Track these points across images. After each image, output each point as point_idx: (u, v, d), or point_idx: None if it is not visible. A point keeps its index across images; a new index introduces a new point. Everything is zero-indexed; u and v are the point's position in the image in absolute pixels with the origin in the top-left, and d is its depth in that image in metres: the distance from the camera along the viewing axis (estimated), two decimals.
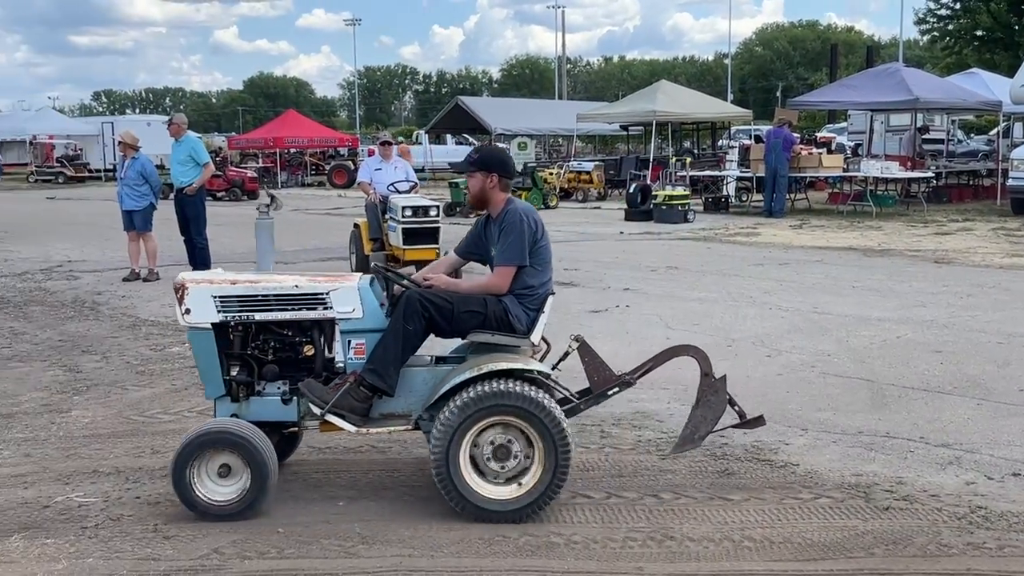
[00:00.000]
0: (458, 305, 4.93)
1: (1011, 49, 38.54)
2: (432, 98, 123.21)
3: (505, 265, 5.03)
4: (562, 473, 4.68)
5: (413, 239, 11.61)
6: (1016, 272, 12.52)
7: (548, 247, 5.20)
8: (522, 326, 4.99)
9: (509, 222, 5.08)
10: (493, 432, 4.71)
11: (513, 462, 4.71)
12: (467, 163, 5.32)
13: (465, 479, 4.67)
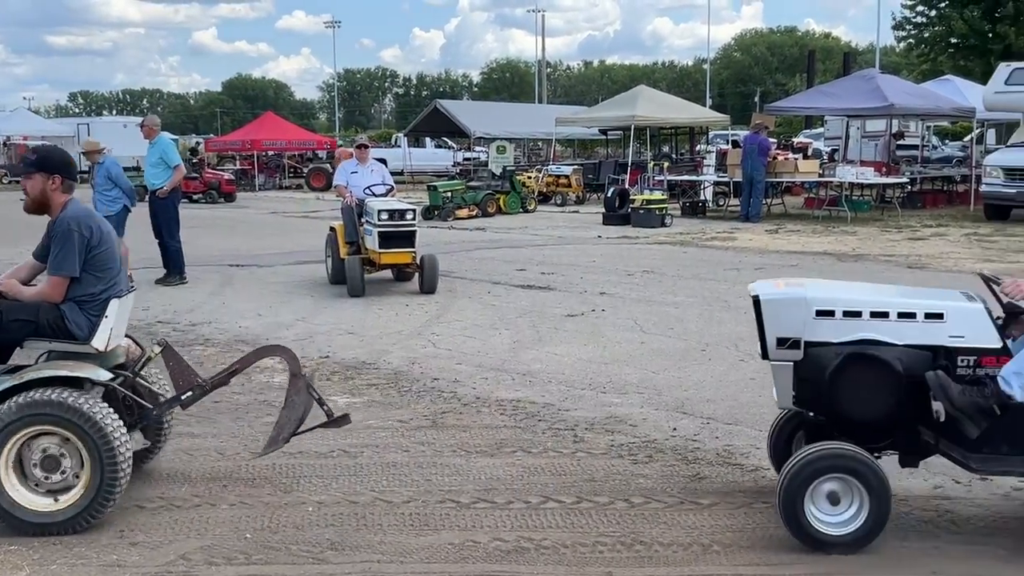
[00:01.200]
0: (7, 313, 4.84)
1: (985, 56, 38.84)
2: (412, 101, 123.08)
3: (55, 275, 4.89)
4: (108, 489, 4.56)
5: (389, 243, 11.57)
6: None
7: (109, 251, 4.99)
8: (83, 332, 4.87)
9: (59, 231, 4.90)
10: (47, 441, 4.61)
11: (59, 476, 4.61)
12: (25, 164, 5.09)
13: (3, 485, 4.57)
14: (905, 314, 4.49)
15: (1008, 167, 19.84)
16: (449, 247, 16.31)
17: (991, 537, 4.57)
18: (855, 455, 4.32)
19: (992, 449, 4.37)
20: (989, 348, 4.43)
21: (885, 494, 4.29)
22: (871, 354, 4.40)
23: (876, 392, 4.38)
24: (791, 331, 4.53)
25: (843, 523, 4.33)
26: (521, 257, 15.06)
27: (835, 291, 4.71)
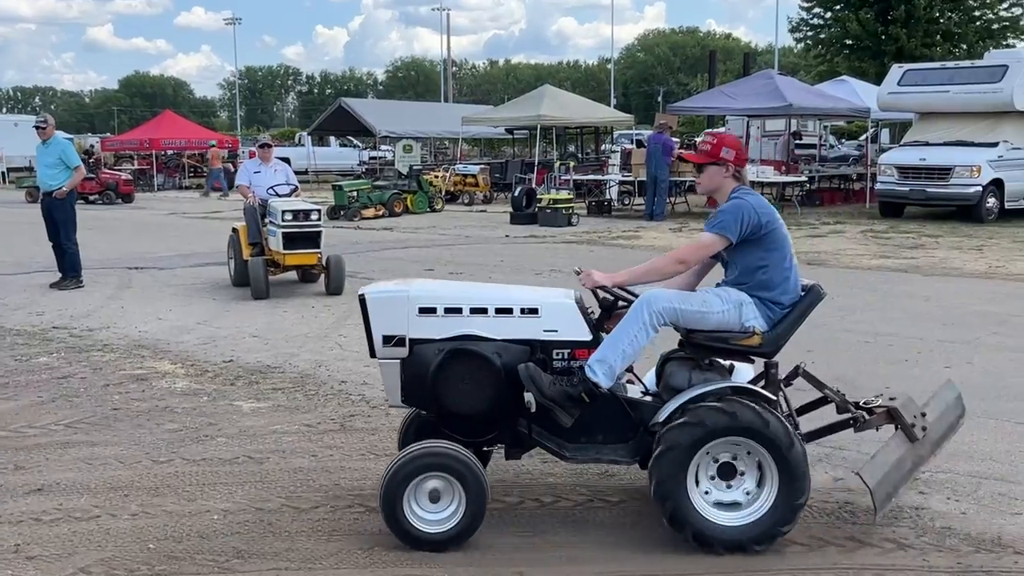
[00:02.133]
0: None
1: (878, 58, 40.10)
2: (316, 99, 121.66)
3: None
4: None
5: (294, 243, 11.41)
6: (883, 273, 13.01)
7: None
8: None
9: None
10: None
11: None
12: None
13: None
14: (503, 310, 4.61)
15: (901, 165, 20.52)
16: (356, 247, 16.17)
17: (888, 527, 4.70)
18: (451, 453, 4.40)
19: (589, 437, 4.57)
20: (581, 341, 4.60)
21: (480, 491, 4.38)
22: (470, 349, 4.51)
23: (476, 386, 4.49)
24: (396, 329, 4.62)
25: (442, 521, 4.41)
26: (429, 257, 15.00)
27: (438, 289, 4.81)
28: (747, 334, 4.56)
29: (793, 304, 4.68)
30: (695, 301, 4.57)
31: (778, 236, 4.65)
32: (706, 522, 4.36)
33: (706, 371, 4.62)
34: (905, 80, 21.63)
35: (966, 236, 17.35)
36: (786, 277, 4.67)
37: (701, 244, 4.65)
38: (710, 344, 4.59)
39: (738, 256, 4.67)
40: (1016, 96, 19.55)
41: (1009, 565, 4.27)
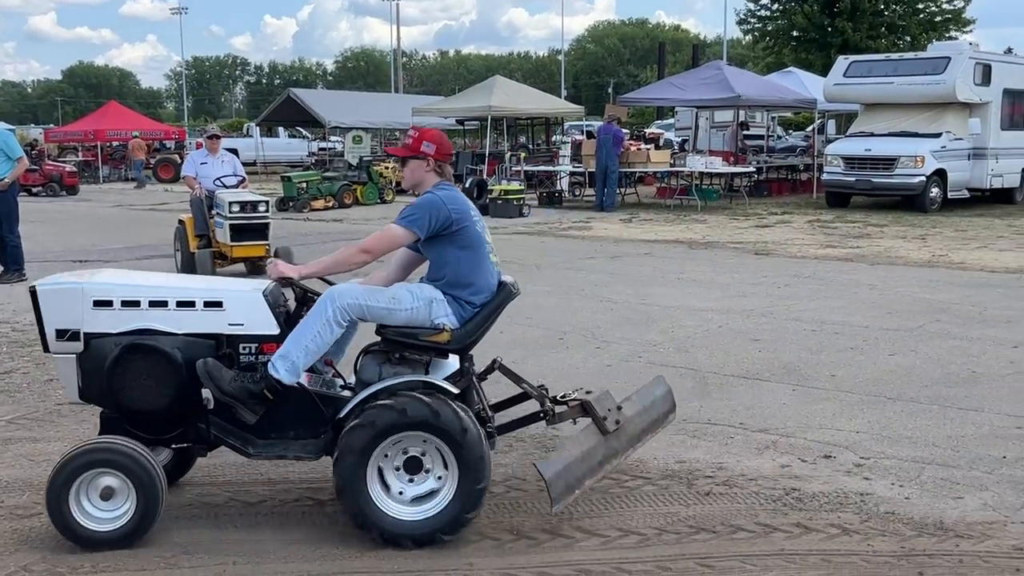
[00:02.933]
0: None
1: (825, 49, 40.58)
2: (264, 90, 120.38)
3: None
4: None
5: (241, 235, 11.30)
6: (829, 262, 13.19)
7: None
8: None
9: None
10: None
11: None
12: None
13: None
14: (184, 303, 4.52)
15: (847, 156, 20.80)
16: (305, 239, 16.04)
17: (833, 512, 4.77)
18: (122, 449, 4.29)
19: (280, 433, 4.53)
20: (268, 335, 4.55)
21: (153, 489, 4.29)
22: (146, 344, 4.40)
23: (154, 383, 4.38)
24: (69, 322, 4.45)
25: (112, 519, 4.33)
26: None
27: (115, 281, 4.65)
28: (436, 330, 4.53)
29: (485, 303, 4.64)
30: (383, 297, 4.54)
31: (470, 234, 4.61)
32: (392, 519, 4.34)
33: (397, 365, 4.57)
34: (850, 72, 21.92)
35: (910, 225, 17.63)
36: (478, 275, 4.64)
37: (387, 235, 4.58)
38: (399, 339, 4.55)
39: (433, 252, 4.65)
40: (958, 87, 19.90)
41: (951, 548, 4.34)
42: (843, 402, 6.61)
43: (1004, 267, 12.64)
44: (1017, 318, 9.33)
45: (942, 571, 4.13)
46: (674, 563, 4.23)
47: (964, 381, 7.12)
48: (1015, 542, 4.40)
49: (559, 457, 4.59)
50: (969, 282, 11.53)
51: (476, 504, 4.38)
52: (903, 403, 6.57)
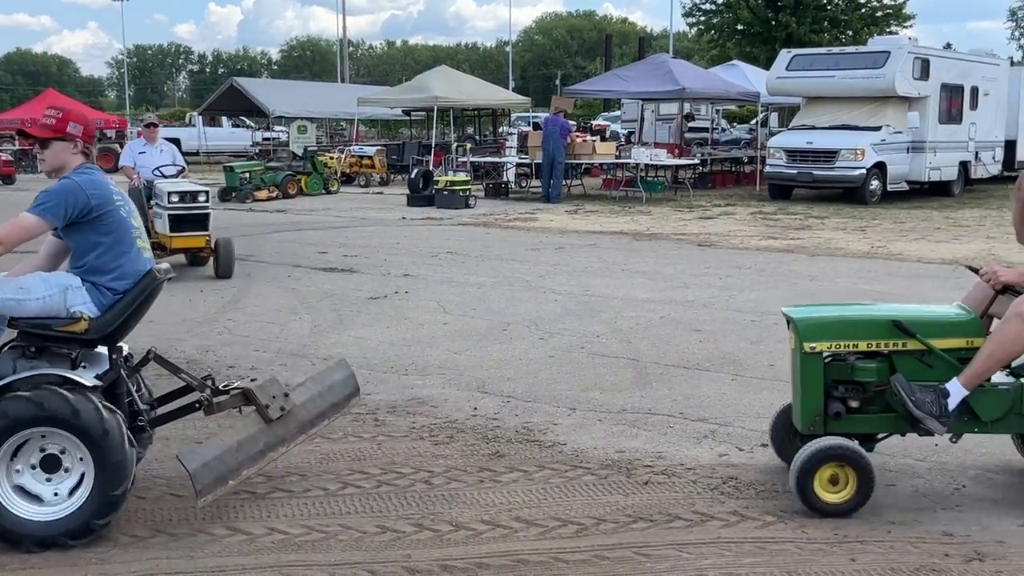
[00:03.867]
0: None
1: (769, 43, 40.98)
2: (208, 79, 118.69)
3: None
4: None
5: (181, 226, 11.14)
6: (771, 254, 13.33)
7: None
8: None
9: None
10: None
11: None
12: None
13: None
14: None
15: (789, 149, 21.05)
16: (248, 230, 15.87)
17: (769, 500, 4.82)
18: None
19: None
20: None
21: None
22: None
23: None
24: None
25: None
26: (323, 239, 14.82)
27: None
28: (73, 320, 4.38)
29: (128, 289, 4.52)
30: (10, 288, 4.37)
31: (113, 219, 4.48)
32: (14, 518, 4.19)
33: (34, 359, 4.39)
34: (793, 65, 22.17)
35: (850, 217, 17.90)
36: (122, 262, 4.50)
37: (17, 225, 4.34)
38: (34, 331, 4.39)
39: (74, 238, 4.50)
40: (897, 81, 20.21)
41: (883, 535, 4.41)
42: (781, 392, 6.65)
43: (940, 258, 12.87)
44: None
45: (874, 556, 4.19)
46: (611, 552, 4.25)
47: None
48: (945, 527, 4.49)
49: (208, 447, 4.49)
50: (907, 273, 11.73)
51: (110, 511, 4.22)
52: None
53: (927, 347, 4.64)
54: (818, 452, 4.53)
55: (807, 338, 4.70)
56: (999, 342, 4.53)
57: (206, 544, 4.33)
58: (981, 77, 22.80)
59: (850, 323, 4.78)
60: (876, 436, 4.93)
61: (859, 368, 4.69)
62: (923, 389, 4.58)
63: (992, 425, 4.69)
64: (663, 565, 4.13)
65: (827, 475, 4.55)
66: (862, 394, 4.72)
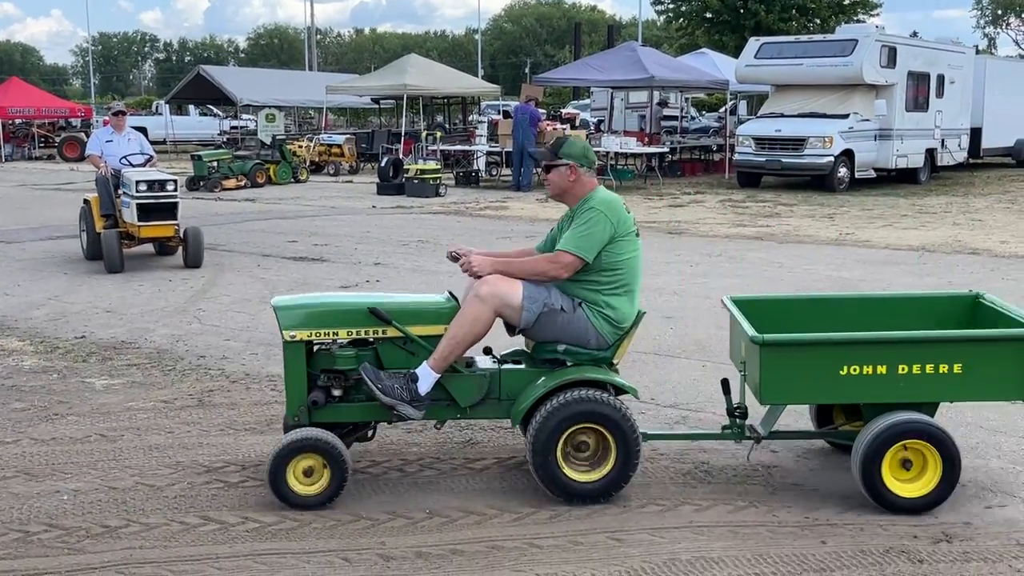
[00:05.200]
0: None
1: (738, 31, 41.15)
2: (175, 67, 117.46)
3: None
4: None
5: (149, 215, 11.04)
6: (740, 241, 13.41)
7: None
8: None
9: None
10: None
11: None
12: None
13: None
14: None
15: (758, 137, 21.15)
16: (216, 219, 15.76)
17: (741, 485, 4.87)
18: None
19: None
20: None
21: None
22: None
23: None
24: None
25: None
26: (293, 228, 14.74)
27: None
28: None
29: None
30: None
31: None
32: None
33: None
34: (762, 53, 22.26)
35: (819, 205, 18.03)
36: None
37: None
38: None
39: None
40: (865, 69, 20.35)
41: (852, 517, 4.47)
42: None
43: (908, 245, 13.00)
44: None
45: (844, 539, 4.25)
46: (585, 537, 4.28)
47: None
48: None
49: None
50: (875, 259, 11.84)
51: None
52: None
53: (405, 335, 4.67)
54: (290, 444, 4.50)
55: (287, 327, 4.66)
56: (459, 323, 4.60)
57: (179, 534, 4.32)
58: (947, 65, 23.01)
59: (328, 311, 4.74)
60: (370, 424, 4.96)
61: (339, 356, 4.69)
62: (392, 375, 4.61)
63: (472, 411, 4.76)
64: (637, 550, 4.16)
65: (302, 467, 4.53)
66: (345, 383, 4.71)
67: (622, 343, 4.83)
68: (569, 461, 4.62)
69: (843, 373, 4.52)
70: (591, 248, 4.69)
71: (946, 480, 4.50)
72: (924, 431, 4.49)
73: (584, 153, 4.94)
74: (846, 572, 3.96)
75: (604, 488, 4.59)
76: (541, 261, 4.77)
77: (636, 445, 4.59)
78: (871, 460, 4.47)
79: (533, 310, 4.66)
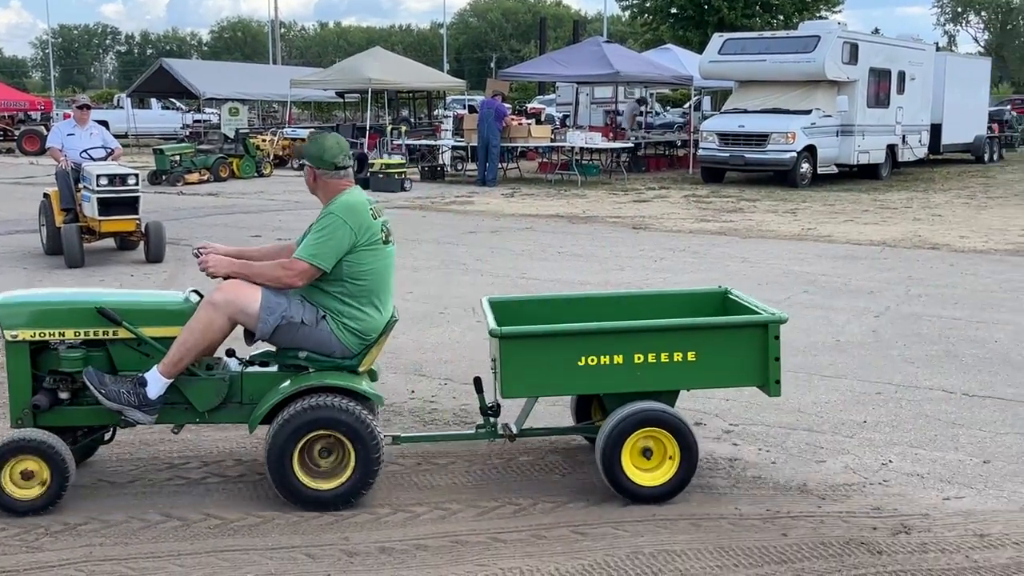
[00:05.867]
0: None
1: (702, 27, 41.28)
2: (136, 60, 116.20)
3: None
4: None
5: (110, 210, 10.92)
6: (703, 236, 13.49)
7: None
8: None
9: None
10: None
11: None
12: None
13: None
14: None
15: (722, 132, 21.26)
16: (179, 214, 15.62)
17: (702, 479, 4.89)
18: None
19: None
20: None
21: None
22: None
23: None
24: None
25: None
26: (256, 223, 14.64)
27: None
28: None
29: None
30: None
31: None
32: None
33: None
34: (725, 49, 22.37)
35: (781, 200, 18.17)
36: None
37: None
38: None
39: None
40: (827, 65, 20.51)
41: (813, 510, 4.52)
42: None
43: (869, 240, 13.14)
44: (879, 289, 9.73)
45: (804, 532, 4.29)
46: (548, 531, 4.29)
47: (829, 349, 7.40)
48: (873, 501, 4.61)
49: None
50: (836, 254, 11.95)
51: None
52: None
53: (137, 336, 4.51)
54: (3, 446, 4.34)
55: (8, 326, 4.45)
56: (191, 329, 4.44)
57: (140, 531, 4.28)
58: (908, 62, 23.26)
59: (53, 310, 4.54)
60: (107, 428, 4.78)
61: (64, 358, 4.49)
62: (120, 380, 4.47)
63: (211, 415, 4.61)
64: (600, 543, 4.18)
65: (19, 469, 4.35)
66: (73, 385, 4.51)
67: (370, 351, 4.68)
68: (307, 468, 4.47)
69: (581, 364, 4.53)
70: (327, 256, 4.51)
71: (684, 468, 4.56)
72: (661, 419, 4.53)
73: (320, 154, 4.66)
74: (807, 564, 4.00)
75: (343, 495, 4.45)
76: (276, 267, 4.54)
77: (376, 452, 4.43)
78: (611, 449, 4.50)
79: (270, 321, 4.49)
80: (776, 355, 4.64)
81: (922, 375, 6.72)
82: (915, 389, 6.40)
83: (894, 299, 9.22)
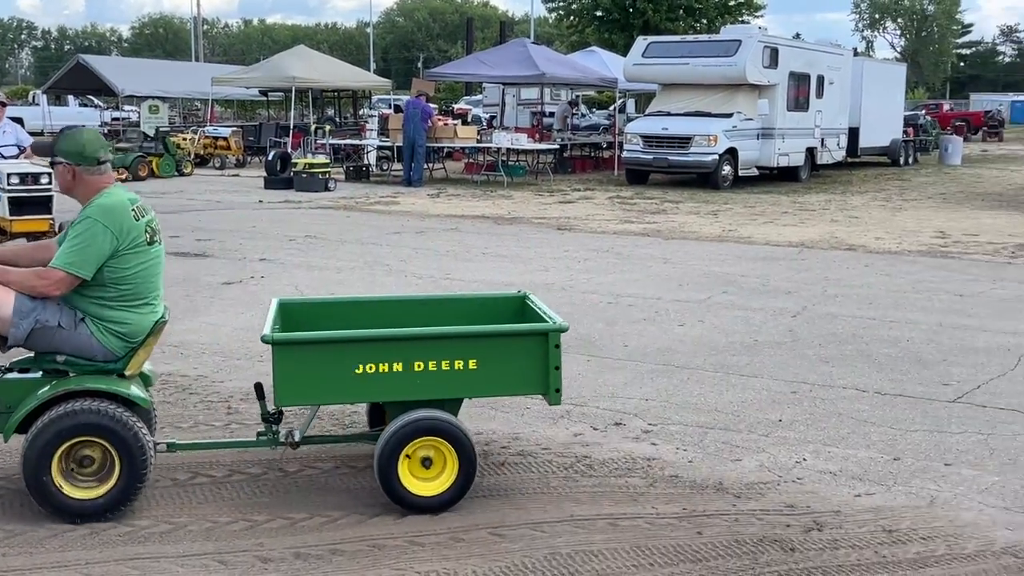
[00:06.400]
0: None
1: (627, 30, 41.65)
2: (53, 56, 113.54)
3: None
4: None
5: (22, 209, 10.61)
6: (627, 237, 13.60)
7: None
8: None
9: None
10: None
11: None
12: None
13: None
14: None
15: (646, 135, 21.48)
16: None
17: (621, 478, 4.93)
18: None
19: None
20: None
21: None
22: None
23: None
24: None
25: None
26: (176, 223, 14.36)
27: None
28: None
29: None
30: None
31: None
32: None
33: None
34: (649, 52, 22.61)
35: (704, 202, 18.41)
36: None
37: None
38: None
39: None
40: (748, 70, 20.85)
41: (728, 508, 4.57)
42: (634, 371, 6.85)
43: (788, 241, 13.37)
44: (796, 289, 9.90)
45: (719, 530, 4.34)
46: (467, 533, 4.28)
47: (747, 349, 7.50)
48: (786, 499, 4.68)
49: None
50: (755, 255, 12.14)
51: None
52: (690, 371, 6.86)
53: None
54: None
55: None
56: None
57: (46, 539, 4.16)
58: (827, 66, 23.76)
59: None
60: None
61: None
62: None
63: None
64: (518, 545, 4.18)
65: None
66: None
67: (137, 353, 4.51)
68: (71, 477, 4.28)
69: (359, 372, 4.42)
70: (86, 264, 4.31)
71: (462, 478, 4.47)
72: (439, 428, 4.44)
73: (81, 151, 4.42)
74: (722, 562, 4.05)
75: (107, 505, 4.28)
76: (32, 276, 4.35)
77: (142, 456, 4.26)
78: (387, 459, 4.41)
79: (23, 326, 4.30)
80: (557, 364, 4.63)
81: (836, 374, 6.85)
82: (830, 388, 6.53)
83: (811, 299, 9.39)
